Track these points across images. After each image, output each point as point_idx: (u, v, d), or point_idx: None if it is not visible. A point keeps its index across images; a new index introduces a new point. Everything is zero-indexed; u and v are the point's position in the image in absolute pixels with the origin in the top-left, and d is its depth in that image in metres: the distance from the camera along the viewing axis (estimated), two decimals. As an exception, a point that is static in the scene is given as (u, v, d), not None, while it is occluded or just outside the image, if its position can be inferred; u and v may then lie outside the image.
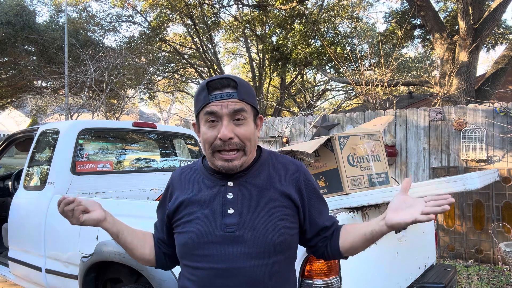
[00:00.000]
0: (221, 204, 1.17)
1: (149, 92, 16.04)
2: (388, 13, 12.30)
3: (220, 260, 1.14)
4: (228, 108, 1.12)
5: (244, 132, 1.14)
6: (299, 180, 1.24)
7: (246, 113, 1.16)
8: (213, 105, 1.13)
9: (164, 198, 1.33)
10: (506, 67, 7.71)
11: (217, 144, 1.13)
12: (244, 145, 1.15)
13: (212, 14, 14.58)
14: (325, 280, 1.71)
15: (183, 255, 1.21)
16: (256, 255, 1.14)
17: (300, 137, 6.56)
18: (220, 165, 1.15)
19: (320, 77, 19.45)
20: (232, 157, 1.14)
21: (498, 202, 4.95)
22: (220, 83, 1.14)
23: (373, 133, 2.46)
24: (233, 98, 1.13)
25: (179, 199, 1.24)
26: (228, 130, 1.12)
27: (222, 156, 1.14)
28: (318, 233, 1.27)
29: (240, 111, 1.14)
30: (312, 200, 1.27)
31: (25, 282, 3.23)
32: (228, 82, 1.15)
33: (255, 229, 1.15)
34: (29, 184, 3.22)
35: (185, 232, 1.19)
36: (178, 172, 1.32)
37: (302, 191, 1.24)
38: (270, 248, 1.14)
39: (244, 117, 1.15)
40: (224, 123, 1.12)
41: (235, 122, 1.14)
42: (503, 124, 5.03)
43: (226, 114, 1.13)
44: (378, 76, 8.77)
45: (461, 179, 1.82)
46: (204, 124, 1.16)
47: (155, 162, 3.94)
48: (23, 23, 11.05)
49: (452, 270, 2.81)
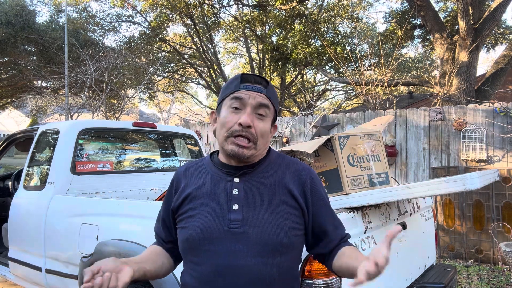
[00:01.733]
0: (226, 199, 1.17)
1: (149, 92, 16.04)
2: (388, 13, 12.31)
3: (223, 256, 1.13)
4: (255, 100, 1.18)
5: (262, 127, 1.18)
6: (305, 184, 1.23)
7: (269, 111, 1.21)
8: (242, 93, 1.18)
9: (169, 195, 1.31)
10: (506, 67, 7.70)
11: (235, 129, 1.16)
12: (257, 139, 1.17)
13: (212, 14, 14.58)
14: (325, 280, 1.71)
15: (186, 250, 1.20)
16: (259, 253, 1.13)
17: (300, 137, 6.56)
18: (230, 148, 1.16)
19: (320, 77, 19.46)
20: (244, 144, 1.16)
21: (498, 202, 4.95)
22: (253, 78, 1.21)
23: (373, 133, 2.46)
24: (262, 93, 1.19)
25: (184, 192, 1.24)
26: (249, 118, 1.15)
27: (234, 141, 1.16)
28: (319, 239, 1.26)
29: (264, 106, 1.19)
30: (317, 206, 1.25)
31: (25, 282, 3.23)
32: (261, 80, 1.21)
33: (259, 227, 1.14)
34: (29, 184, 3.22)
35: (189, 227, 1.19)
36: (184, 168, 1.33)
37: (307, 195, 1.23)
38: (273, 247, 1.14)
39: (266, 114, 1.20)
40: (248, 111, 1.17)
41: (257, 115, 1.18)
42: (503, 124, 5.03)
43: (251, 105, 1.17)
44: (378, 76, 8.77)
45: (461, 179, 1.82)
46: (227, 109, 1.19)
47: (155, 162, 3.94)
48: (23, 23, 11.05)
49: (452, 270, 2.81)
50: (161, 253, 1.31)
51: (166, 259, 1.31)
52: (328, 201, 1.30)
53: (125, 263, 1.10)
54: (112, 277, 1.01)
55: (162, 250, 1.33)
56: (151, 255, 1.28)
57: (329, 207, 1.30)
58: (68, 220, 2.72)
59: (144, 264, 1.20)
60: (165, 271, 1.30)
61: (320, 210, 1.25)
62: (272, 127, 1.26)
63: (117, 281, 1.02)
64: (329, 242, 1.25)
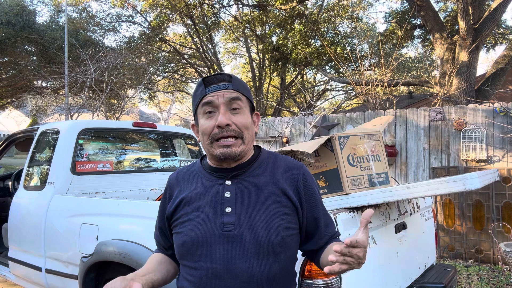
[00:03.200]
0: (219, 203, 1.17)
1: (149, 92, 16.04)
2: (388, 13, 12.30)
3: (218, 259, 1.13)
4: (224, 97, 1.16)
5: (241, 120, 1.17)
6: (298, 181, 1.23)
7: (242, 102, 1.19)
8: (210, 96, 1.17)
9: (163, 202, 1.32)
10: (506, 67, 7.70)
11: (215, 133, 1.15)
12: (241, 133, 1.17)
13: (212, 14, 14.58)
14: (325, 280, 1.71)
15: (182, 255, 1.20)
16: (254, 255, 1.12)
17: (300, 137, 6.56)
18: (219, 152, 1.15)
19: (320, 77, 19.47)
20: (230, 143, 1.15)
21: (498, 202, 4.95)
22: (215, 78, 1.20)
23: (373, 133, 2.46)
24: (228, 88, 1.18)
25: (177, 198, 1.24)
26: (225, 117, 1.14)
27: (220, 143, 1.15)
28: (310, 236, 1.26)
29: (235, 99, 1.17)
30: (310, 203, 1.24)
31: (25, 282, 3.23)
32: (223, 77, 1.20)
33: (252, 228, 1.14)
34: (29, 184, 3.22)
35: (183, 232, 1.19)
36: (176, 174, 1.33)
37: (301, 192, 1.22)
38: (268, 248, 1.13)
39: (240, 106, 1.18)
40: (221, 111, 1.15)
41: (231, 111, 1.17)
42: (503, 124, 5.03)
43: (222, 103, 1.16)
44: (378, 76, 8.77)
45: (461, 179, 1.82)
46: (202, 116, 1.19)
47: (155, 162, 3.94)
48: (23, 23, 11.05)
49: (452, 270, 2.81)
50: (165, 261, 1.33)
51: (170, 265, 1.32)
52: (320, 198, 1.29)
53: (133, 279, 1.12)
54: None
55: (165, 256, 1.34)
56: (156, 265, 1.29)
57: (321, 204, 1.29)
58: (68, 220, 2.72)
59: (150, 275, 1.22)
60: (171, 277, 1.32)
61: (312, 207, 1.25)
62: (254, 115, 1.26)
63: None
64: (319, 239, 1.26)
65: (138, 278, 1.16)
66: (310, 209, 1.24)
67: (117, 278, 1.09)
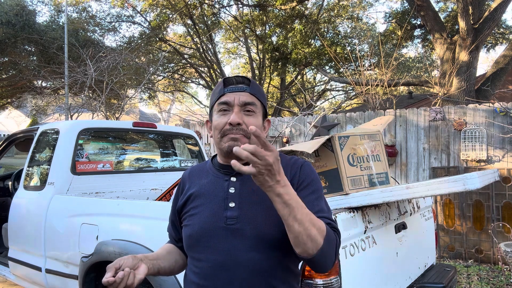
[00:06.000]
0: (223, 198, 1.23)
1: (149, 92, 16.05)
2: (388, 13, 12.31)
3: (221, 252, 1.19)
4: (240, 99, 1.23)
5: (252, 122, 1.22)
6: (296, 174, 1.25)
7: (256, 107, 1.26)
8: (227, 96, 1.24)
9: (176, 197, 1.39)
10: (506, 67, 7.71)
11: (226, 129, 1.21)
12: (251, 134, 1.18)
13: (212, 14, 14.58)
14: (325, 280, 1.71)
15: (188, 247, 1.27)
16: (255, 248, 1.17)
17: (300, 137, 6.56)
18: (227, 145, 1.20)
19: (320, 77, 19.46)
20: (239, 136, 1.20)
21: (498, 202, 4.95)
22: (235, 79, 1.27)
23: (373, 133, 2.46)
24: (246, 91, 1.25)
25: (187, 193, 1.32)
26: (238, 116, 1.20)
27: (229, 136, 1.21)
28: None
29: (250, 104, 1.24)
30: (305, 192, 1.21)
31: (25, 282, 3.23)
32: (243, 80, 1.27)
33: (254, 223, 1.18)
34: (29, 184, 3.22)
35: (190, 225, 1.26)
36: (189, 171, 1.41)
37: (295, 179, 1.22)
38: (268, 242, 1.18)
39: (254, 111, 1.25)
40: (235, 111, 1.22)
41: (245, 113, 1.23)
42: (503, 124, 5.03)
43: (237, 104, 1.23)
44: (378, 76, 8.77)
45: (461, 179, 1.82)
46: (217, 113, 1.25)
47: (155, 162, 3.94)
48: (23, 23, 11.06)
49: (452, 270, 2.81)
50: (175, 251, 1.40)
51: (179, 257, 1.38)
52: (318, 187, 1.26)
53: (141, 260, 1.20)
54: (130, 274, 1.12)
55: (175, 247, 1.41)
56: (165, 253, 1.37)
57: (317, 193, 1.25)
58: (68, 220, 2.72)
59: (159, 261, 1.29)
60: (178, 268, 1.38)
61: (307, 195, 1.22)
62: (265, 121, 1.32)
63: (134, 278, 1.13)
64: None
65: (147, 260, 1.23)
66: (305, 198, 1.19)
67: (128, 255, 1.18)
